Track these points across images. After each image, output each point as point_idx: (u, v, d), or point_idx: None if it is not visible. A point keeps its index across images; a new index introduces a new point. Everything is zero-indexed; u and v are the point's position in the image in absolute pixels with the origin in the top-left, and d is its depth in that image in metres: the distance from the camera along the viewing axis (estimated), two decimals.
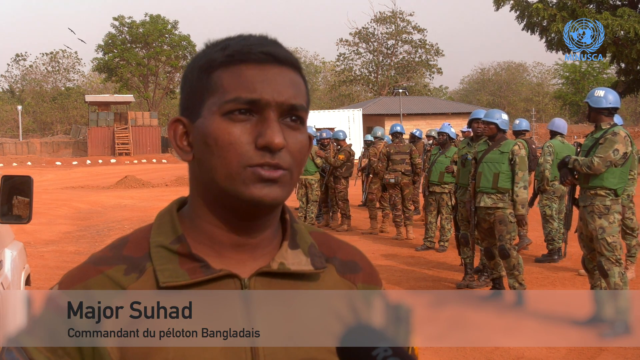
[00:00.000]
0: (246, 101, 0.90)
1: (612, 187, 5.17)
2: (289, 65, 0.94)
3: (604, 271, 5.11)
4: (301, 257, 0.98)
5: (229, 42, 0.94)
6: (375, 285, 1.05)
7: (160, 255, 0.93)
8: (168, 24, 51.17)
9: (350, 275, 1.03)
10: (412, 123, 32.46)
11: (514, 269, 6.10)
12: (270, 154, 0.89)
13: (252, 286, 0.94)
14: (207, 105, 0.92)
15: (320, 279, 0.99)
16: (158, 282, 0.91)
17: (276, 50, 0.92)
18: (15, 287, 3.46)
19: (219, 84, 0.91)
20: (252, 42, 0.92)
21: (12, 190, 3.24)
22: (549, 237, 8.17)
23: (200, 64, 0.94)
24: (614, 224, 5.14)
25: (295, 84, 0.93)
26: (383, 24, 59.59)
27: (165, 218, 0.98)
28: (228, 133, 0.89)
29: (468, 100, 67.55)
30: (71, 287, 0.92)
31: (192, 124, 0.94)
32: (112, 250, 0.96)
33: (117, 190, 20.93)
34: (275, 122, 0.90)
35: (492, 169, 6.23)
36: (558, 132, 8.31)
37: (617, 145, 5.11)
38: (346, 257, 1.05)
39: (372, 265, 1.08)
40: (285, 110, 0.91)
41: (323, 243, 1.04)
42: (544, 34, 29.90)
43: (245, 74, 0.91)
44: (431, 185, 9.04)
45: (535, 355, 4.93)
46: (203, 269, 0.92)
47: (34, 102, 61.33)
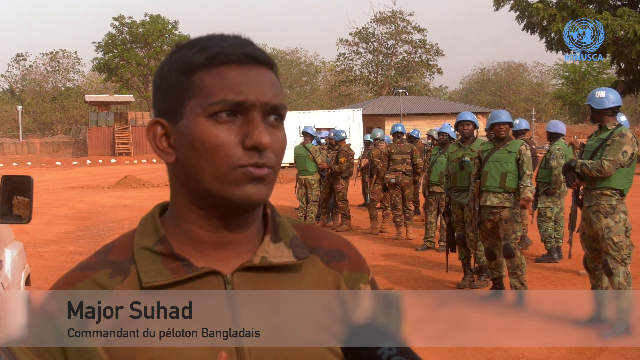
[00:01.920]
0: (232, 103, 0.90)
1: (619, 188, 5.16)
2: (267, 65, 0.95)
3: (609, 270, 5.11)
4: (283, 250, 0.99)
5: (206, 44, 0.94)
6: (361, 272, 1.06)
7: (144, 257, 0.94)
8: (168, 24, 51.24)
9: (335, 264, 1.03)
10: (412, 123, 32.46)
11: (517, 269, 6.09)
12: (258, 153, 0.91)
13: (235, 282, 0.95)
14: (189, 107, 0.92)
15: (303, 269, 1.00)
16: (141, 282, 0.92)
17: (255, 51, 0.94)
18: (15, 287, 3.46)
19: (201, 86, 0.92)
20: (230, 43, 0.93)
21: (12, 190, 3.24)
22: (544, 236, 8.19)
23: (178, 66, 0.94)
24: (619, 223, 5.13)
25: (274, 83, 0.95)
26: (383, 24, 59.63)
27: (147, 222, 0.99)
28: (215, 135, 0.90)
29: (468, 100, 67.57)
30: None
31: (172, 125, 0.95)
32: (98, 256, 0.97)
33: (117, 190, 20.93)
34: (261, 122, 0.91)
35: (499, 168, 6.21)
36: (560, 133, 8.32)
37: (626, 147, 5.10)
38: (331, 246, 1.05)
39: (358, 253, 1.09)
40: (268, 110, 0.93)
41: (307, 235, 1.05)
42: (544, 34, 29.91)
43: (228, 76, 0.91)
44: (431, 185, 9.04)
45: (535, 355, 4.93)
46: (186, 268, 0.93)
47: (34, 102, 61.34)
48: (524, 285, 6.15)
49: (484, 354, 5.00)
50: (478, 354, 5.01)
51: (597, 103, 5.28)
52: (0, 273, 3.20)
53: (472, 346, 5.15)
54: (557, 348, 5.05)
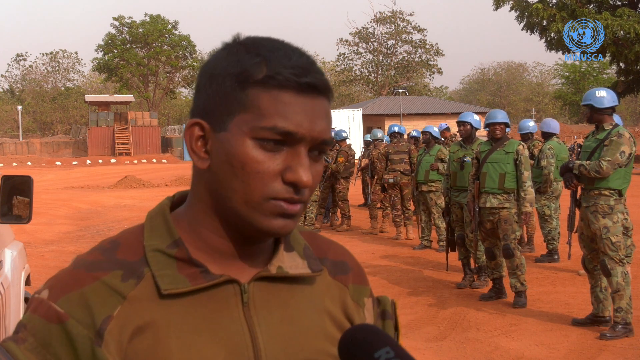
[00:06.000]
0: (283, 132, 0.86)
1: (617, 188, 5.16)
2: (325, 94, 0.90)
3: (607, 270, 5.11)
4: (297, 260, 0.97)
5: (269, 56, 0.87)
6: (364, 285, 1.05)
7: (158, 260, 0.90)
8: (168, 24, 51.19)
9: (341, 277, 1.02)
10: (412, 123, 32.46)
11: (517, 269, 6.10)
12: (295, 189, 0.87)
13: (252, 291, 0.93)
14: (236, 121, 0.87)
15: (315, 281, 0.99)
16: (159, 288, 0.88)
17: (316, 80, 0.88)
18: (15, 287, 3.46)
19: (255, 104, 0.86)
20: (294, 65, 0.87)
21: (12, 190, 3.24)
22: (548, 237, 8.19)
23: (234, 72, 0.88)
24: (617, 223, 5.13)
25: (328, 116, 0.90)
26: (383, 24, 59.63)
27: (157, 220, 0.94)
28: (257, 162, 0.86)
29: (468, 100, 67.59)
30: (64, 294, 0.87)
31: (214, 132, 0.89)
32: (104, 254, 0.91)
33: (117, 190, 20.92)
34: (306, 157, 0.87)
35: (497, 169, 6.22)
36: (553, 133, 8.36)
37: (623, 147, 5.10)
38: (336, 258, 1.04)
39: (359, 264, 1.08)
40: (316, 144, 0.89)
41: (313, 243, 1.03)
42: (544, 34, 29.92)
43: (284, 102, 0.86)
44: (419, 185, 9.15)
45: (535, 355, 4.92)
46: (203, 275, 0.90)
47: (34, 102, 61.33)
48: (524, 285, 6.15)
49: (484, 354, 5.00)
50: (478, 354, 5.01)
51: (598, 102, 5.27)
52: (0, 273, 3.20)
53: (472, 346, 5.15)
54: (557, 348, 5.05)
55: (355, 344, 0.81)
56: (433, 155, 9.02)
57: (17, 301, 3.49)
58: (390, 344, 0.79)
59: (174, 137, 44.79)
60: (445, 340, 5.31)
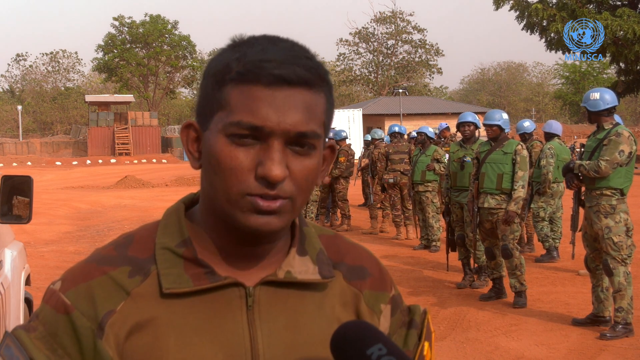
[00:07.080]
0: (248, 127, 0.84)
1: (618, 187, 5.16)
2: (304, 85, 0.86)
3: (609, 270, 5.11)
4: (309, 265, 0.95)
5: (246, 50, 0.87)
6: (383, 292, 1.02)
7: (165, 258, 0.90)
8: (168, 24, 51.18)
9: (356, 282, 0.99)
10: (412, 123, 32.43)
11: (516, 269, 6.10)
12: (269, 184, 0.85)
13: (257, 295, 0.91)
14: (215, 119, 0.87)
15: (327, 287, 0.96)
16: (161, 287, 0.88)
17: (289, 71, 0.84)
18: (15, 287, 3.46)
19: (227, 100, 0.86)
20: (268, 57, 0.85)
21: (12, 190, 3.23)
22: (541, 236, 8.21)
23: (215, 71, 0.88)
24: (620, 223, 5.13)
25: (308, 107, 0.86)
26: (383, 24, 59.60)
27: (172, 218, 0.94)
28: (230, 157, 0.85)
29: (468, 100, 67.56)
30: (73, 286, 0.89)
31: (203, 132, 0.90)
32: (117, 249, 0.92)
33: (117, 190, 20.91)
34: (277, 151, 0.84)
35: (495, 169, 6.22)
36: (555, 134, 8.37)
37: (622, 146, 5.10)
38: (354, 262, 1.01)
39: (382, 269, 1.04)
40: (292, 137, 0.85)
41: (332, 247, 1.00)
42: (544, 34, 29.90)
43: (253, 96, 0.85)
44: (415, 185, 9.16)
45: (535, 355, 4.92)
46: (208, 276, 0.89)
47: (34, 102, 61.32)
48: (523, 285, 6.15)
49: (484, 354, 5.00)
50: (478, 354, 5.00)
51: (592, 105, 5.30)
52: (0, 273, 3.20)
53: (472, 346, 5.15)
54: (557, 348, 5.05)
55: (347, 341, 0.79)
56: (429, 156, 9.07)
57: (17, 301, 3.49)
58: (383, 340, 0.77)
59: (174, 137, 44.79)
60: (445, 340, 5.31)
